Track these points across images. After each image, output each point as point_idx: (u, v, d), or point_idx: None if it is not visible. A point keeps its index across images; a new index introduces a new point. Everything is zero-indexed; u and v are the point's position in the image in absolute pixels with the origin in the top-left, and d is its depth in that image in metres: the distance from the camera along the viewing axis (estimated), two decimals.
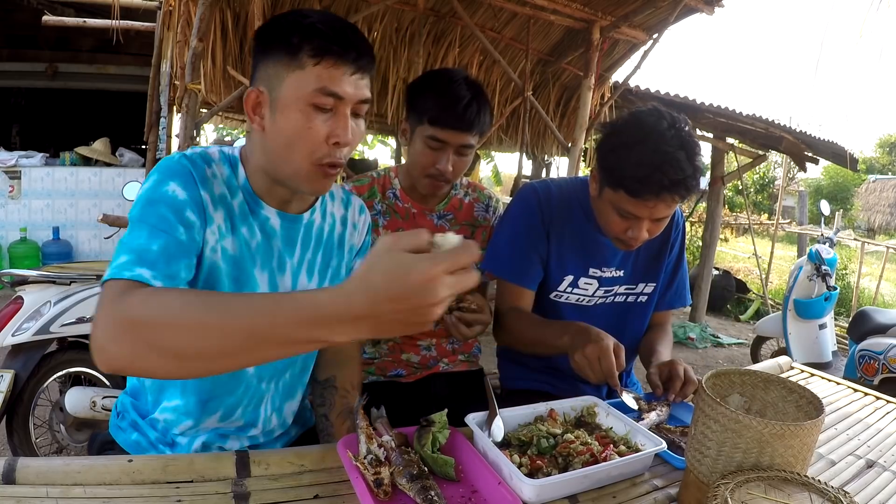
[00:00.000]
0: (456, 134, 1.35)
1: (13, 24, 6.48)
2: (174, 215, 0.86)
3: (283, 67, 0.88)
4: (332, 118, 0.90)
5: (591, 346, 1.13)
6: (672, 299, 1.55)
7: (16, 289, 2.26)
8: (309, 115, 0.88)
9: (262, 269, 1.00)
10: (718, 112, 4.94)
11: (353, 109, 0.92)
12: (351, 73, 0.89)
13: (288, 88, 0.88)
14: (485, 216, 1.59)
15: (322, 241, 1.09)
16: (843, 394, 1.45)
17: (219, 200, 0.94)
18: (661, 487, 0.95)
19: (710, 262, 6.08)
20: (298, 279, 1.06)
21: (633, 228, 1.25)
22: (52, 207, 5.48)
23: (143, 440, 1.06)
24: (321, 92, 0.87)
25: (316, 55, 0.86)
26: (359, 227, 1.18)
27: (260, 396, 1.07)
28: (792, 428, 0.78)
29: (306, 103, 0.88)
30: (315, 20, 0.88)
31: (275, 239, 1.01)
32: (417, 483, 0.85)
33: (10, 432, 2.23)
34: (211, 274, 0.94)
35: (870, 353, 3.36)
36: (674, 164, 1.14)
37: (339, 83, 0.88)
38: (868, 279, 8.45)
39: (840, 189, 19.79)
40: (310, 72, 0.87)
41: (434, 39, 4.45)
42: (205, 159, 0.95)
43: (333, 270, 1.12)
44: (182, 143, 2.88)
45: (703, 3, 3.51)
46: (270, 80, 0.90)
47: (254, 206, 0.99)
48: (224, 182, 0.96)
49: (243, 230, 0.97)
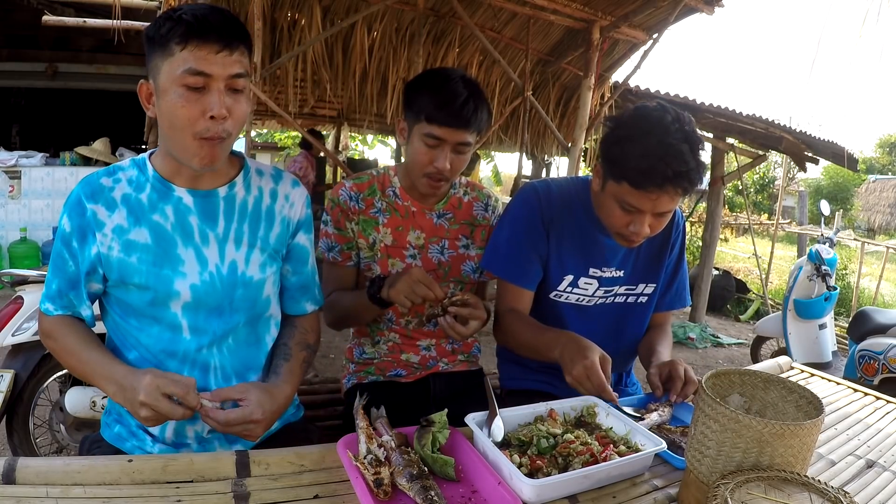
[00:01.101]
0: (453, 131, 1.35)
1: (13, 23, 6.48)
2: (66, 249, 1.07)
3: (159, 58, 0.98)
4: (205, 95, 0.98)
5: (577, 368, 1.13)
6: (672, 300, 1.54)
7: (16, 289, 2.26)
8: (183, 95, 0.97)
9: (184, 246, 1.08)
10: (718, 112, 4.95)
11: (229, 84, 1.00)
12: (216, 52, 0.97)
13: (164, 75, 0.98)
14: (484, 215, 1.59)
15: (247, 212, 1.15)
16: (843, 394, 1.45)
17: (121, 202, 1.06)
18: (661, 487, 0.95)
19: (710, 262, 6.08)
20: (225, 249, 1.12)
21: (636, 223, 1.25)
22: (52, 207, 5.48)
23: (125, 430, 1.12)
24: (189, 72, 0.96)
25: (181, 41, 0.96)
26: (291, 198, 1.22)
27: (204, 362, 1.11)
28: (792, 428, 0.78)
29: (179, 84, 0.97)
30: (182, 11, 0.98)
31: (190, 215, 1.09)
32: (417, 483, 0.85)
33: (10, 432, 2.22)
34: (120, 268, 1.06)
35: (870, 354, 3.36)
36: (677, 156, 1.14)
37: (205, 62, 0.96)
38: (868, 279, 8.45)
39: (840, 189, 19.79)
40: (178, 56, 0.96)
41: (434, 39, 4.45)
42: (107, 172, 1.09)
43: (262, 239, 1.16)
44: None
45: (703, 3, 3.51)
46: (154, 71, 1.00)
47: (164, 191, 1.08)
48: (130, 182, 1.08)
49: (155, 217, 1.07)
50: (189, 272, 1.07)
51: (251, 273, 1.14)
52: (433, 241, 1.52)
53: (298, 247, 1.24)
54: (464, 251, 1.55)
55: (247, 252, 1.14)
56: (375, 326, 1.55)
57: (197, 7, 0.99)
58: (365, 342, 1.58)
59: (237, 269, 1.12)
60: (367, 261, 1.50)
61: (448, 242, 1.54)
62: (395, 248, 1.50)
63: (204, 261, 1.09)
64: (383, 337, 1.55)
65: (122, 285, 1.07)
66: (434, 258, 1.52)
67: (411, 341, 1.56)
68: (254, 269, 1.14)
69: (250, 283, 1.14)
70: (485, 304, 1.48)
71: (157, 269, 1.06)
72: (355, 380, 1.56)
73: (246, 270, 1.13)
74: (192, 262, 1.08)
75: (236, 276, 1.12)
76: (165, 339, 1.09)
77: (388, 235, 1.49)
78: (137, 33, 4.98)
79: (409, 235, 1.50)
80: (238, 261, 1.13)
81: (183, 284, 1.07)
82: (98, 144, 5.76)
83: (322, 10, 3.98)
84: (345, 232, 1.47)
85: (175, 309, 1.08)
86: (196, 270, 1.08)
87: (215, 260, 1.10)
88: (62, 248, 1.07)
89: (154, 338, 1.09)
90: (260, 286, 1.16)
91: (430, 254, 1.52)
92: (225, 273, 1.11)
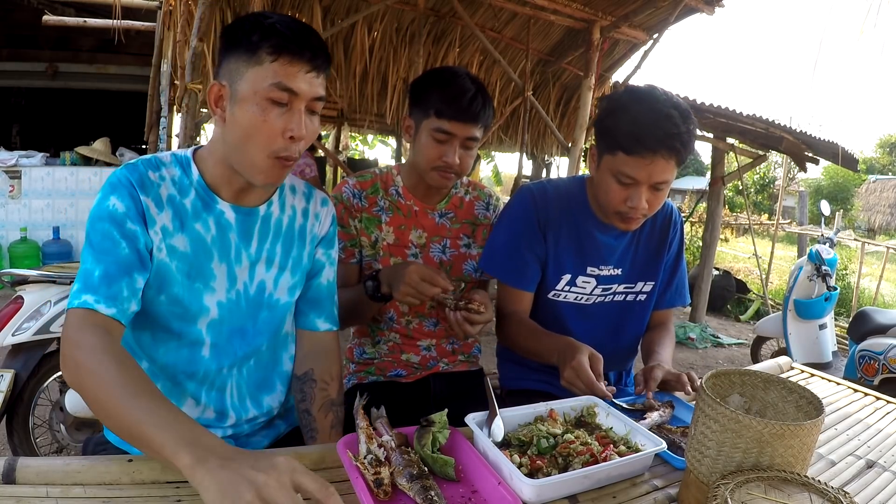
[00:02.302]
0: (462, 126, 1.36)
1: (13, 23, 6.48)
2: (117, 230, 0.93)
3: (244, 63, 0.94)
4: (287, 113, 0.95)
5: (567, 370, 1.16)
6: (672, 298, 1.55)
7: (16, 288, 2.26)
8: (265, 109, 0.93)
9: (219, 261, 1.04)
10: (718, 112, 4.94)
11: (308, 106, 0.97)
12: (306, 71, 0.95)
13: (247, 82, 0.93)
14: (485, 214, 1.59)
15: (281, 232, 1.12)
16: (843, 394, 1.44)
17: (166, 201, 0.99)
18: (661, 487, 0.95)
19: (711, 263, 6.08)
20: (256, 270, 1.08)
21: (633, 197, 1.26)
22: (53, 207, 5.48)
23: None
24: (277, 87, 0.92)
25: (274, 52, 0.92)
26: (321, 217, 1.20)
27: (222, 382, 1.09)
28: (792, 428, 0.78)
29: (263, 97, 0.93)
30: (275, 21, 0.94)
31: (230, 232, 1.05)
32: (417, 483, 0.85)
33: (10, 432, 2.22)
34: (159, 272, 0.98)
35: (870, 354, 3.36)
36: (668, 119, 1.19)
37: (295, 79, 0.93)
38: (868, 279, 8.45)
39: (840, 189, 19.80)
40: (267, 68, 0.92)
41: (434, 39, 4.46)
42: (150, 164, 0.99)
43: (294, 260, 1.14)
44: (182, 143, 2.88)
45: (703, 3, 3.52)
46: (231, 74, 0.95)
47: (208, 202, 1.03)
48: (174, 183, 1.00)
49: (197, 226, 1.01)
50: (218, 288, 1.03)
51: (279, 296, 1.11)
52: (435, 241, 1.53)
53: (314, 259, 1.20)
54: (465, 250, 1.55)
55: (277, 274, 1.11)
56: (376, 326, 1.55)
57: (288, 19, 0.96)
58: (365, 342, 1.58)
59: (265, 291, 1.09)
60: (369, 259, 1.50)
61: (450, 242, 1.54)
62: (398, 246, 1.50)
63: (233, 279, 1.05)
64: (384, 337, 1.55)
65: (155, 293, 0.99)
66: (436, 257, 1.53)
67: (412, 341, 1.56)
68: (282, 293, 1.12)
69: (276, 306, 1.11)
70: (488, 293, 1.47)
71: (191, 282, 1.01)
72: (356, 380, 1.56)
73: (274, 293, 1.11)
74: (222, 279, 1.04)
75: (263, 298, 1.09)
76: (184, 357, 1.04)
77: (390, 234, 1.49)
78: (138, 33, 4.99)
79: (411, 234, 1.51)
80: (267, 282, 1.10)
81: (212, 300, 1.03)
82: (98, 144, 5.75)
83: (322, 10, 3.98)
84: (348, 229, 1.47)
85: (201, 326, 1.03)
86: (224, 287, 1.04)
87: (244, 279, 1.06)
88: (111, 229, 0.93)
89: (171, 355, 1.03)
90: (286, 310, 1.14)
91: (432, 253, 1.52)
92: (252, 293, 1.08)
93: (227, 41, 0.96)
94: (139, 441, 0.75)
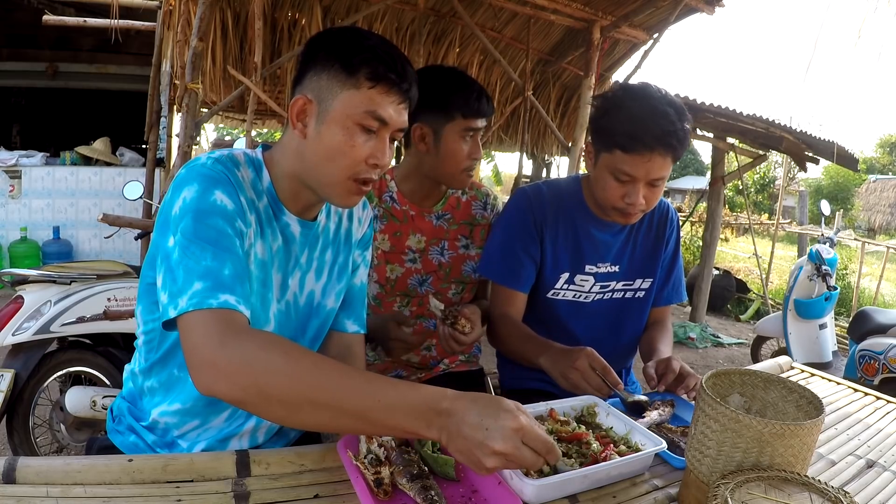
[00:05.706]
0: (483, 120, 1.41)
1: (13, 23, 6.48)
2: (231, 228, 0.86)
3: (338, 83, 0.91)
4: (373, 140, 0.93)
5: (572, 372, 1.16)
6: (670, 295, 1.56)
7: (16, 288, 2.26)
8: (354, 134, 0.92)
9: (277, 271, 1.02)
10: (718, 112, 4.94)
11: (393, 135, 0.97)
12: (399, 102, 0.94)
13: (340, 103, 0.91)
14: (483, 214, 1.59)
15: (329, 240, 1.11)
16: (843, 394, 1.44)
17: (249, 204, 0.94)
18: (661, 487, 0.95)
19: (711, 262, 6.08)
20: (306, 279, 1.07)
21: (631, 193, 1.27)
22: (53, 207, 5.48)
23: (141, 443, 1.05)
24: (371, 115, 0.91)
25: (373, 79, 0.90)
26: (363, 220, 1.19)
27: None
28: (792, 428, 0.78)
29: (354, 122, 0.91)
30: (375, 44, 0.92)
31: (294, 245, 1.03)
32: (417, 483, 0.85)
33: (10, 432, 2.23)
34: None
35: (870, 353, 3.36)
36: (663, 116, 1.20)
37: (388, 109, 0.92)
38: (868, 279, 8.45)
39: (840, 189, 19.80)
40: (364, 93, 0.91)
41: (434, 39, 4.45)
42: (234, 161, 0.94)
43: (340, 267, 1.13)
44: (182, 143, 2.88)
45: (703, 3, 3.52)
46: (322, 91, 0.92)
47: (276, 212, 1.00)
48: (251, 185, 0.96)
49: (268, 233, 0.99)
50: (274, 297, 1.02)
51: (326, 302, 1.11)
52: (433, 243, 1.52)
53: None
54: (464, 251, 1.55)
55: (325, 282, 1.10)
56: None
57: (387, 44, 0.94)
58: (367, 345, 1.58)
59: (314, 300, 1.09)
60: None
61: (448, 243, 1.53)
62: (394, 253, 1.49)
63: (285, 288, 1.03)
64: None
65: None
66: (434, 260, 1.52)
67: None
68: (330, 299, 1.11)
69: (322, 312, 1.11)
70: (482, 304, 1.48)
71: (264, 291, 0.99)
72: None
73: (322, 300, 1.10)
74: (277, 288, 1.02)
75: (312, 307, 1.09)
76: None
77: (385, 242, 1.48)
78: (138, 33, 4.99)
79: (408, 240, 1.50)
80: (316, 291, 1.09)
81: (272, 310, 1.01)
82: (98, 144, 5.76)
83: (322, 10, 3.99)
84: None
85: None
86: (277, 297, 1.02)
87: (294, 289, 1.05)
88: (225, 226, 0.86)
89: None
90: (332, 315, 1.13)
91: (431, 256, 1.52)
92: (302, 304, 1.07)
93: (319, 54, 0.93)
94: (373, 425, 0.75)
